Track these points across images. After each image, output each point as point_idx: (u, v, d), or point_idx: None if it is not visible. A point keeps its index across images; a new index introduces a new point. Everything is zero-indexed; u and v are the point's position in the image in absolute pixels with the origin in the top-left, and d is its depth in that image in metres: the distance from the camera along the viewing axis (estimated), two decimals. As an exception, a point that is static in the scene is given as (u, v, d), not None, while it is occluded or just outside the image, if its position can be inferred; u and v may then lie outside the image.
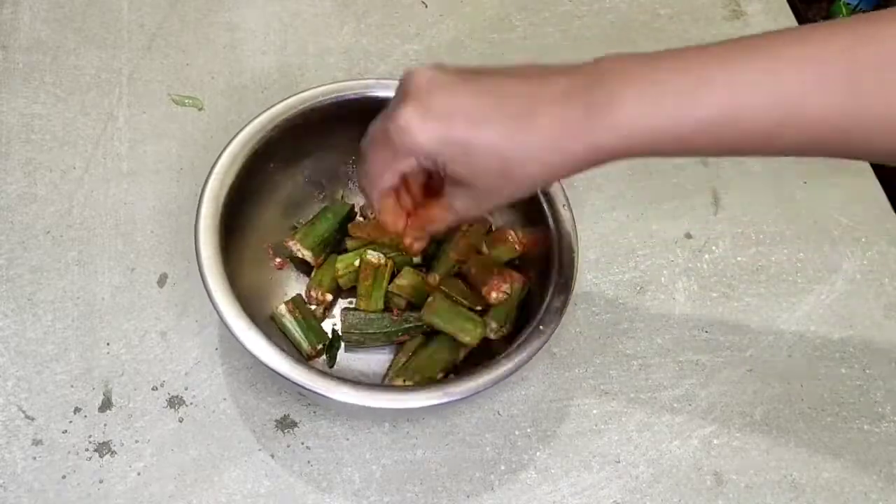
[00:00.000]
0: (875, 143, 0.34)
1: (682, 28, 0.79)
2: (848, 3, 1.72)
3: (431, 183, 0.45)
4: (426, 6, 0.78)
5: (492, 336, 0.53)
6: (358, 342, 0.55)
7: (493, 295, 0.54)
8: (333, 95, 0.55)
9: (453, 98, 0.37)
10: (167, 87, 0.68)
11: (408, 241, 0.46)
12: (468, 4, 0.78)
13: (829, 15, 1.80)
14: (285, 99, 0.54)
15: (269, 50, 0.72)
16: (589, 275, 0.63)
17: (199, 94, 0.68)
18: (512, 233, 0.56)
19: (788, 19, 0.81)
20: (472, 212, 0.42)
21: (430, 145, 0.37)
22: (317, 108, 0.54)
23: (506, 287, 0.54)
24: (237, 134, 0.52)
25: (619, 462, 0.55)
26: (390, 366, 0.55)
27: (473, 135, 0.36)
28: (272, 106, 0.53)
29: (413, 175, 0.42)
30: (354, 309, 0.56)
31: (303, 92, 0.54)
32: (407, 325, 0.55)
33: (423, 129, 0.37)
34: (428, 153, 0.37)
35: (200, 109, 0.67)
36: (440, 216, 0.43)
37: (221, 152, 0.51)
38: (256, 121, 0.53)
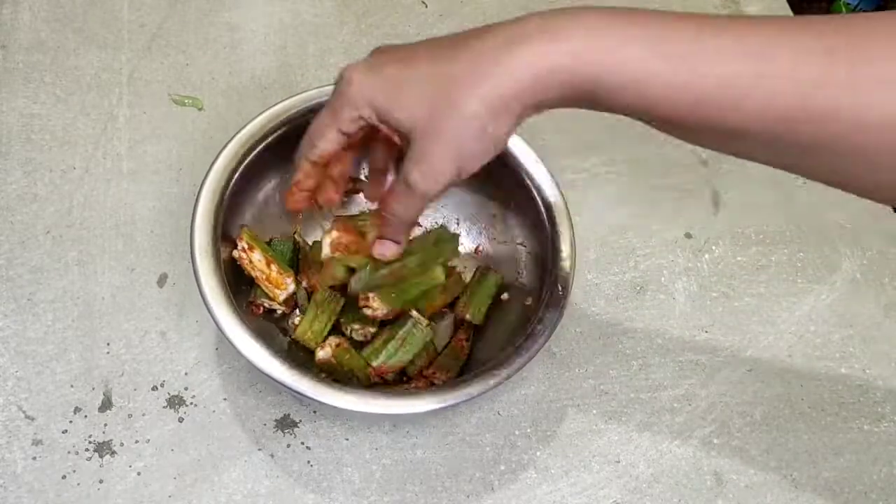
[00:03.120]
0: (834, 133, 0.30)
1: (682, 28, 0.79)
2: (848, 3, 1.72)
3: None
4: (426, 6, 0.78)
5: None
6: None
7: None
8: None
9: (396, 52, 0.38)
10: (167, 87, 0.68)
11: (377, 246, 0.44)
12: (468, 4, 0.78)
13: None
14: (285, 99, 0.54)
15: (269, 50, 0.72)
16: (589, 275, 0.63)
17: (199, 94, 0.68)
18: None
19: (788, 19, 0.81)
20: (428, 181, 0.37)
21: (366, 88, 0.37)
22: (317, 110, 0.54)
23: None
24: (236, 134, 0.52)
25: (619, 462, 0.55)
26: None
27: (407, 67, 0.36)
28: (272, 106, 0.53)
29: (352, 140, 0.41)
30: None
31: (303, 93, 0.54)
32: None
33: (361, 75, 0.37)
34: (366, 96, 0.37)
35: (200, 109, 0.67)
36: (399, 195, 0.40)
37: (219, 152, 0.51)
38: (255, 121, 0.53)
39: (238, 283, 0.52)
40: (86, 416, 0.52)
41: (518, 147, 0.55)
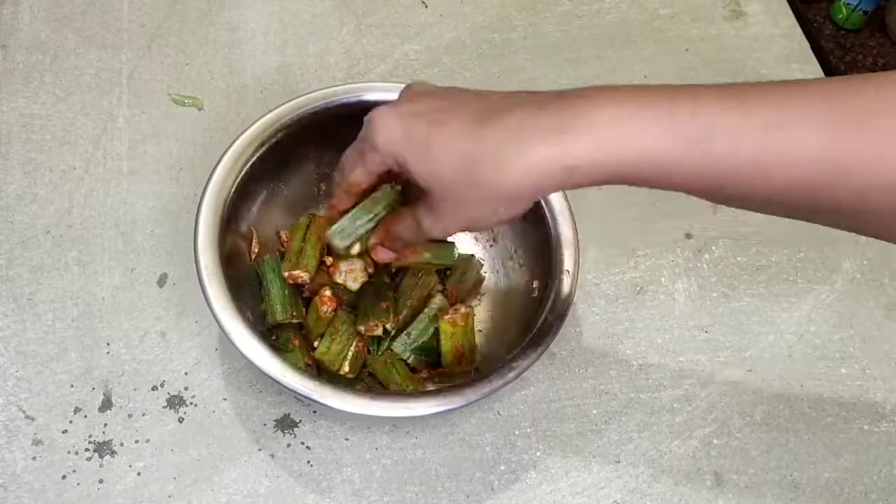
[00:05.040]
0: (854, 188, 0.32)
1: (683, 28, 0.79)
2: (848, 4, 1.72)
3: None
4: (426, 6, 0.78)
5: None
6: None
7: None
8: (337, 99, 0.55)
9: (427, 102, 0.38)
10: (167, 87, 0.68)
11: (376, 251, 0.46)
12: (468, 4, 0.78)
13: (828, 15, 1.80)
14: (288, 101, 0.54)
15: (269, 50, 0.72)
16: (589, 275, 0.63)
17: (199, 94, 0.68)
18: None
19: (788, 19, 0.81)
20: (436, 230, 0.40)
21: (392, 142, 0.38)
22: (320, 111, 0.54)
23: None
24: (239, 136, 0.52)
25: (619, 462, 0.55)
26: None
27: (435, 130, 0.36)
28: (275, 108, 0.53)
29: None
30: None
31: (306, 94, 0.54)
32: None
33: (388, 125, 0.38)
34: (391, 149, 0.38)
35: (200, 109, 0.67)
36: (407, 225, 0.42)
37: (223, 154, 0.51)
38: (258, 123, 0.53)
39: (239, 285, 0.53)
40: (86, 416, 0.52)
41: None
